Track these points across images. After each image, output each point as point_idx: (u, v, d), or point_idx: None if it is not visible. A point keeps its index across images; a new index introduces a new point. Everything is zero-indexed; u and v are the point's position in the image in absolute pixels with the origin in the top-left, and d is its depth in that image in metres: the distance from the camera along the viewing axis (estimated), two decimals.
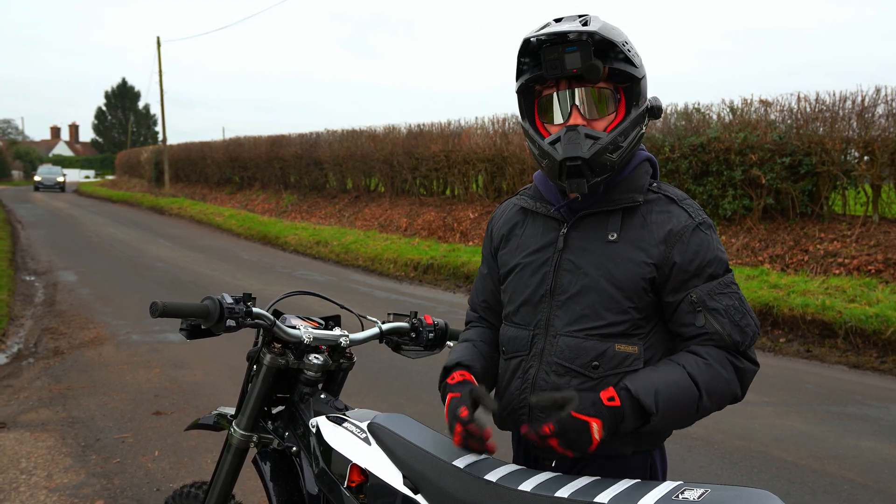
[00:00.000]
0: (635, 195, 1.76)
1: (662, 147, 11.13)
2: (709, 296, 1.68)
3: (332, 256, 13.87)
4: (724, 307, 1.68)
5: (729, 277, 1.72)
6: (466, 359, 1.89)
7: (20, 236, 17.58)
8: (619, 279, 1.71)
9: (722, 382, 1.66)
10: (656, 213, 1.75)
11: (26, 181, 59.02)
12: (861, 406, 5.35)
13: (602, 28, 1.67)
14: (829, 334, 7.11)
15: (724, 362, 1.67)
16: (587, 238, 1.77)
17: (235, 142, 27.61)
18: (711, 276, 1.70)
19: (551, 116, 1.75)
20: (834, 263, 8.95)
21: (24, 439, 4.67)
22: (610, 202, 1.76)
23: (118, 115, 76.22)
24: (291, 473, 2.12)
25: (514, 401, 1.82)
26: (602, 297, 1.72)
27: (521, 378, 1.80)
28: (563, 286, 1.76)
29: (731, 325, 1.67)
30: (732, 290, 1.70)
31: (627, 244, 1.73)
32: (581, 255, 1.76)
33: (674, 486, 1.51)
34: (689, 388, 1.63)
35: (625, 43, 1.70)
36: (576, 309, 1.74)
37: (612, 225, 1.75)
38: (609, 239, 1.74)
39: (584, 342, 1.72)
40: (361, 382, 5.67)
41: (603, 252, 1.74)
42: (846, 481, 4.00)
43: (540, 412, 1.71)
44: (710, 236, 1.72)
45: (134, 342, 7.18)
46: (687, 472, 4.10)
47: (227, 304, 1.88)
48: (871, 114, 9.55)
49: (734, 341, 1.67)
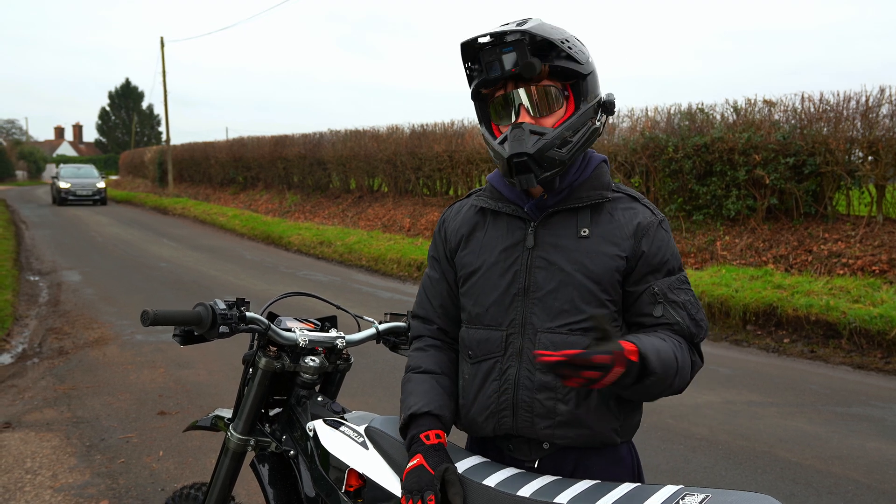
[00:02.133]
0: (603, 192, 1.80)
1: (666, 147, 11.12)
2: (669, 289, 1.76)
3: (335, 256, 13.88)
4: (683, 301, 1.76)
5: (683, 276, 1.80)
6: (436, 406, 1.80)
7: (24, 236, 17.62)
8: (595, 273, 1.74)
9: (688, 366, 1.73)
10: (622, 210, 1.80)
11: (30, 181, 59.16)
12: (866, 406, 5.34)
13: (538, 27, 1.70)
14: (834, 335, 7.10)
15: (688, 349, 1.76)
16: (558, 235, 1.79)
17: (239, 142, 27.64)
18: (669, 271, 1.77)
19: (502, 118, 1.78)
20: (838, 264, 8.94)
21: (29, 439, 4.68)
22: (578, 199, 1.79)
23: (122, 115, 76.24)
24: (289, 477, 2.10)
25: (492, 403, 1.78)
26: (580, 292, 1.74)
27: (499, 380, 1.77)
28: (539, 283, 1.77)
29: (688, 317, 1.76)
30: (687, 288, 1.80)
31: (600, 239, 1.76)
32: (553, 251, 1.77)
33: (674, 490, 1.50)
34: (673, 362, 1.67)
35: (565, 41, 1.72)
36: (554, 305, 1.75)
37: (582, 221, 1.79)
38: (581, 235, 1.77)
39: (568, 337, 1.73)
40: (365, 382, 5.68)
41: (576, 248, 1.76)
42: (851, 482, 3.99)
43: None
44: (669, 234, 1.81)
45: (138, 342, 7.20)
46: (691, 472, 4.10)
47: (220, 311, 1.86)
48: (876, 114, 9.53)
49: (691, 333, 1.76)
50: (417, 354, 1.95)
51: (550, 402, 1.72)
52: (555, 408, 1.72)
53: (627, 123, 12.61)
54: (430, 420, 1.78)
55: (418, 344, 1.98)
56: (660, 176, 11.44)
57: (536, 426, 1.74)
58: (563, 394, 1.71)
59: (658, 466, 4.20)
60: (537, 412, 1.73)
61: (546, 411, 1.73)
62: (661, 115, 12.06)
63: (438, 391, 1.84)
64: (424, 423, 1.78)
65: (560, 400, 1.72)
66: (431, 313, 1.97)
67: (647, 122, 12.10)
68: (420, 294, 2.01)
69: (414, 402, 1.81)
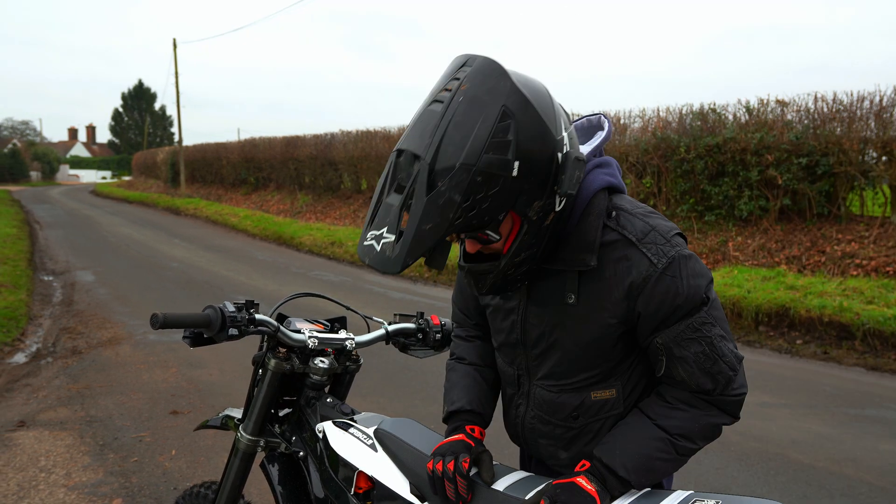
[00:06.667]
0: (586, 257, 1.54)
1: (678, 147, 11.09)
2: (675, 342, 1.53)
3: (346, 257, 13.90)
4: (693, 354, 1.53)
5: (701, 317, 1.52)
6: (478, 404, 1.83)
7: (38, 236, 17.74)
8: (584, 341, 1.61)
9: (694, 419, 1.57)
10: (614, 264, 1.54)
11: (44, 182, 59.61)
12: (879, 408, 5.30)
13: (437, 171, 1.35)
14: (847, 336, 7.05)
15: (692, 401, 1.58)
16: (547, 293, 1.64)
17: (250, 143, 27.74)
18: (681, 317, 1.53)
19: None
20: (852, 265, 8.88)
21: (44, 438, 4.72)
22: (562, 262, 1.57)
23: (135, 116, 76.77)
24: (299, 477, 2.11)
25: (512, 429, 1.85)
26: (570, 357, 1.64)
27: (515, 412, 1.82)
28: (533, 340, 1.69)
29: (699, 373, 1.54)
30: (702, 334, 1.52)
31: (587, 307, 1.58)
32: (543, 311, 1.65)
33: (685, 496, 1.50)
34: (659, 437, 1.56)
35: (471, 166, 1.34)
36: (547, 364, 1.69)
37: (570, 285, 1.59)
38: (568, 301, 1.59)
39: (558, 396, 1.69)
40: (376, 383, 5.69)
41: (564, 313, 1.61)
42: (864, 484, 3.97)
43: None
44: (676, 279, 1.51)
45: (151, 342, 7.23)
46: (703, 474, 4.08)
47: (229, 313, 1.85)
48: (890, 114, 9.47)
49: (703, 389, 1.55)
50: (462, 344, 1.98)
51: (552, 448, 1.76)
52: (556, 453, 1.76)
53: (639, 124, 12.57)
54: (471, 416, 1.82)
55: (461, 332, 2.01)
56: (671, 176, 11.39)
57: (547, 461, 1.80)
58: (564, 443, 1.73)
59: None
60: (543, 452, 1.79)
61: (549, 454, 1.77)
62: (672, 115, 12.02)
63: (482, 386, 1.88)
64: (467, 418, 1.82)
65: (561, 448, 1.74)
66: (469, 311, 1.99)
67: (659, 122, 12.06)
68: (457, 286, 2.01)
69: (457, 398, 1.84)
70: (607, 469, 1.56)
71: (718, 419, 1.58)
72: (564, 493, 1.52)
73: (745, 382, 1.59)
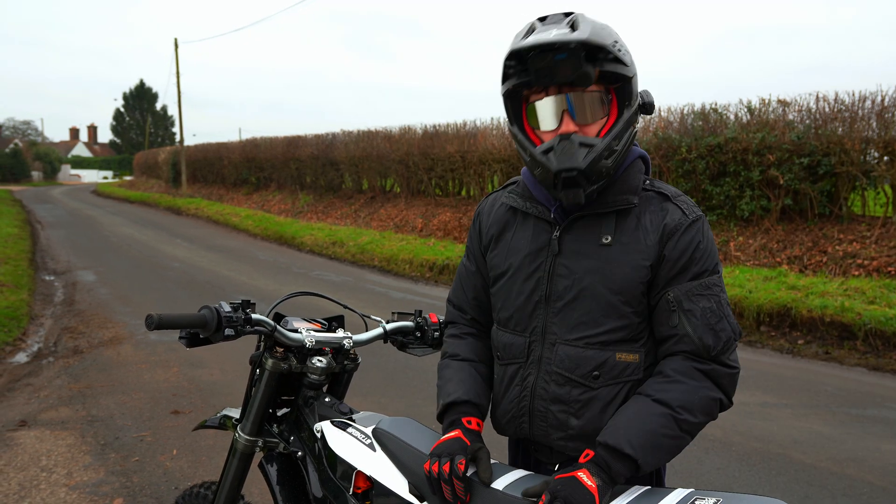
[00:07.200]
0: (630, 196, 1.69)
1: (679, 147, 11.08)
2: (686, 296, 1.64)
3: (347, 257, 13.91)
4: (701, 309, 1.63)
5: (713, 279, 1.66)
6: (474, 395, 1.82)
7: (40, 236, 17.76)
8: (615, 283, 1.66)
9: (693, 391, 1.60)
10: (650, 214, 1.69)
11: (45, 182, 59.65)
12: (881, 408, 5.29)
13: (592, 33, 1.57)
14: (849, 336, 7.04)
15: (690, 372, 1.62)
16: (580, 241, 1.71)
17: (252, 142, 27.75)
18: (696, 275, 1.65)
19: (541, 122, 1.67)
20: (853, 265, 8.87)
21: (45, 437, 4.72)
22: (604, 204, 1.69)
23: (136, 116, 76.84)
24: (297, 477, 2.10)
25: (513, 408, 1.79)
26: (599, 303, 1.67)
27: (521, 385, 1.77)
28: (559, 292, 1.71)
29: (704, 328, 1.62)
30: (713, 293, 1.64)
31: (622, 247, 1.67)
32: (575, 259, 1.70)
33: (685, 494, 1.50)
34: (660, 412, 1.58)
35: (615, 43, 1.61)
36: (573, 316, 1.70)
37: (606, 228, 1.69)
38: (603, 242, 1.68)
39: (584, 351, 1.68)
40: (377, 381, 5.69)
41: (598, 256, 1.68)
42: (866, 484, 3.96)
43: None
44: (702, 234, 1.67)
45: (152, 341, 7.24)
46: (704, 474, 4.08)
47: (225, 313, 1.84)
48: (891, 114, 9.45)
49: (705, 345, 1.61)
50: (454, 342, 1.97)
51: (563, 416, 1.71)
52: (567, 421, 1.71)
53: (640, 123, 12.51)
54: (469, 408, 1.81)
55: (454, 330, 2.00)
56: (673, 176, 11.38)
57: (550, 436, 1.74)
58: (576, 408, 1.70)
59: (671, 467, 4.18)
60: (551, 423, 1.73)
61: (559, 423, 1.72)
62: (674, 115, 12.01)
63: (477, 379, 1.86)
64: (464, 410, 1.80)
65: (572, 414, 1.70)
66: (465, 304, 1.98)
67: (660, 122, 12.05)
68: (456, 281, 2.01)
69: (453, 390, 1.83)
70: (612, 451, 1.56)
71: (716, 393, 1.63)
72: (565, 487, 1.52)
73: (739, 362, 1.69)
